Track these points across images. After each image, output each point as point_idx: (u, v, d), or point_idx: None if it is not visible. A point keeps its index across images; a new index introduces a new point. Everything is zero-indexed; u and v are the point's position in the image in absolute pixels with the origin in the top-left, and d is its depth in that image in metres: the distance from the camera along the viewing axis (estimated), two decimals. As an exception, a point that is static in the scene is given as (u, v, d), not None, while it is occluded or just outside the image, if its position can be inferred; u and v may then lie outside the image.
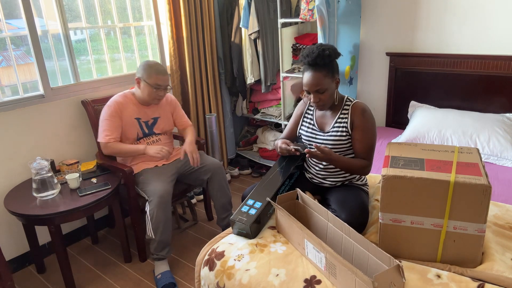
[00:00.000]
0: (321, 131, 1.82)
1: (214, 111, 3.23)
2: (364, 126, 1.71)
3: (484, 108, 2.66)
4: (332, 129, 1.77)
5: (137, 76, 2.17)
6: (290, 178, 1.90)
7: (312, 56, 1.63)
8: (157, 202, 2.02)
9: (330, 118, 1.80)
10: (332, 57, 1.66)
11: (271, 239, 1.58)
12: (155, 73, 2.12)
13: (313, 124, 1.86)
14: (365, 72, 3.19)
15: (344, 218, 1.59)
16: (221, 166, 2.37)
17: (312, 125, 1.86)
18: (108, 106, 2.18)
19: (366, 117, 1.71)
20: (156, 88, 2.14)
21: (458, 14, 2.63)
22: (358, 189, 1.81)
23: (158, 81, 2.13)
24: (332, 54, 1.65)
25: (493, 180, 2.11)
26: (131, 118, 2.21)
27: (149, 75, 2.12)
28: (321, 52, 1.62)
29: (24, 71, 2.32)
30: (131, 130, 2.22)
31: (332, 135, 1.76)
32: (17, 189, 2.15)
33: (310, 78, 1.65)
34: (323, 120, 1.83)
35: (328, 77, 1.66)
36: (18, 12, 2.18)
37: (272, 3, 3.05)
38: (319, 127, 1.84)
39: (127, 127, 2.21)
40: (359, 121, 1.71)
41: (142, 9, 2.85)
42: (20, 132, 2.23)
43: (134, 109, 2.22)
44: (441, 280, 1.30)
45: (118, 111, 2.17)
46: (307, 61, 1.66)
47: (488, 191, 1.26)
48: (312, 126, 1.86)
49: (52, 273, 2.28)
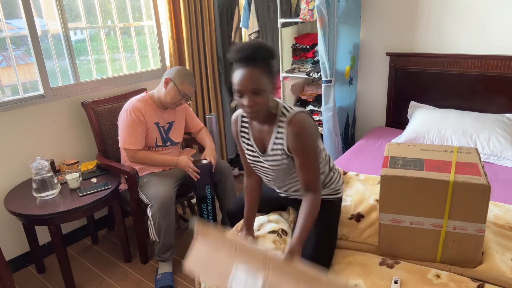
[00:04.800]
0: (262, 153, 1.51)
1: (214, 111, 3.23)
2: (302, 151, 1.40)
3: (484, 108, 2.66)
4: (271, 151, 1.47)
5: (168, 77, 2.14)
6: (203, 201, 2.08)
7: (249, 49, 1.31)
8: (158, 207, 2.01)
9: (268, 135, 1.48)
10: (271, 53, 1.35)
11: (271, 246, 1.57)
12: (188, 82, 2.14)
13: (251, 145, 1.54)
14: (365, 72, 3.19)
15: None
16: (230, 168, 2.38)
17: (251, 145, 1.54)
18: (130, 112, 2.12)
19: (303, 138, 1.39)
20: (182, 95, 2.15)
21: (458, 14, 2.63)
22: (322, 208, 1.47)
23: (187, 91, 2.15)
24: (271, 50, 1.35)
25: (493, 180, 2.10)
26: (151, 123, 2.20)
27: (182, 82, 2.12)
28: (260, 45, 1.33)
29: (24, 71, 2.33)
30: (151, 135, 2.22)
31: (272, 158, 1.48)
32: (17, 189, 2.15)
33: (246, 75, 1.30)
34: (261, 136, 1.51)
35: (266, 77, 1.32)
36: (18, 12, 2.18)
37: (272, 3, 3.05)
38: (259, 148, 1.52)
39: (148, 132, 2.20)
40: (295, 145, 1.40)
41: (142, 9, 2.86)
42: (20, 132, 2.23)
43: (153, 114, 2.21)
44: (441, 280, 1.30)
45: (141, 117, 2.14)
46: (243, 54, 1.30)
47: (487, 191, 1.26)
48: (251, 147, 1.54)
49: (52, 273, 2.28)
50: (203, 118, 3.14)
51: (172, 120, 2.31)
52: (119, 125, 2.18)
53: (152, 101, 2.22)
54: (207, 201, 2.23)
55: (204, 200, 2.23)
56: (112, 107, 2.48)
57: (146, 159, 2.18)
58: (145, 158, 2.18)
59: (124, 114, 2.15)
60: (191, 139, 2.60)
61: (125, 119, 2.13)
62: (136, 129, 2.13)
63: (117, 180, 2.22)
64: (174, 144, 2.35)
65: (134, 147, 2.15)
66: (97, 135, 2.40)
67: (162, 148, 2.29)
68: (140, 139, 2.17)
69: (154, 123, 2.21)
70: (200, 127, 2.50)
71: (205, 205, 2.24)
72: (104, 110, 2.44)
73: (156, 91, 2.23)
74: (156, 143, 2.25)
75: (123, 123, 2.14)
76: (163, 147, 2.29)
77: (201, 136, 2.47)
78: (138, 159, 2.18)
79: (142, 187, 2.15)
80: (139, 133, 2.15)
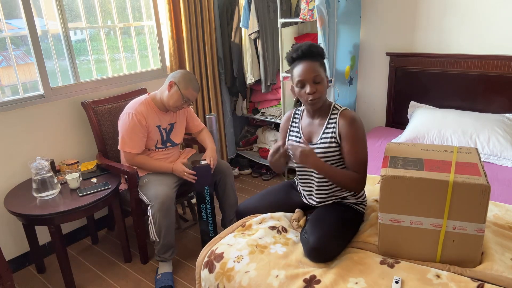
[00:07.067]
0: (308, 143, 1.67)
1: (214, 111, 3.23)
2: (353, 137, 1.56)
3: (484, 108, 2.66)
4: (320, 140, 1.62)
5: (172, 80, 2.13)
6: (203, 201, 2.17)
7: (305, 45, 1.54)
8: (158, 207, 2.02)
9: (318, 127, 1.65)
10: (323, 51, 1.59)
11: (271, 240, 1.58)
12: (192, 87, 2.14)
13: (300, 136, 1.70)
14: (365, 72, 3.19)
15: (311, 244, 1.45)
16: (230, 168, 2.38)
17: (299, 137, 1.70)
18: (132, 116, 2.12)
19: (355, 127, 1.56)
20: (185, 100, 2.15)
21: (458, 14, 2.63)
22: (346, 210, 1.64)
23: (190, 96, 2.15)
24: (323, 49, 1.59)
25: (493, 180, 2.10)
26: (153, 126, 2.20)
27: (186, 86, 2.12)
28: (313, 43, 1.56)
29: (24, 71, 2.33)
30: (152, 138, 2.22)
31: (320, 146, 1.61)
32: (17, 189, 2.15)
33: (307, 66, 1.52)
34: (310, 130, 1.68)
35: (323, 69, 1.57)
36: (18, 12, 2.18)
37: (272, 3, 3.05)
38: (307, 139, 1.69)
39: (150, 135, 2.20)
40: (347, 131, 1.56)
41: (142, 9, 2.86)
42: (20, 132, 2.23)
43: (155, 117, 2.21)
44: (441, 280, 1.30)
45: (143, 122, 2.14)
46: (300, 51, 1.54)
47: (487, 191, 1.26)
48: (299, 138, 1.70)
49: (52, 273, 2.28)
50: (203, 118, 3.14)
51: (173, 122, 2.31)
52: (120, 127, 2.17)
53: (154, 103, 2.21)
54: (206, 202, 2.23)
55: (203, 201, 2.23)
56: (112, 107, 2.48)
57: (144, 164, 2.19)
58: (143, 164, 2.19)
59: (126, 117, 2.14)
60: (192, 139, 2.60)
61: (127, 122, 2.13)
62: (137, 134, 2.13)
63: (117, 180, 2.22)
64: (175, 145, 2.35)
65: (133, 151, 2.15)
66: (97, 135, 2.40)
67: (162, 149, 2.29)
68: (140, 143, 2.17)
69: (156, 126, 2.21)
70: (201, 128, 2.50)
71: (204, 206, 2.24)
72: (104, 110, 2.44)
73: (159, 92, 2.22)
74: (156, 145, 2.25)
75: (124, 126, 2.14)
76: (163, 148, 2.29)
77: (202, 137, 2.47)
78: (135, 163, 2.19)
79: (142, 187, 2.15)
80: (140, 138, 2.15)
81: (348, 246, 1.58)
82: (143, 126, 2.14)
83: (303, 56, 1.54)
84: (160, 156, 2.28)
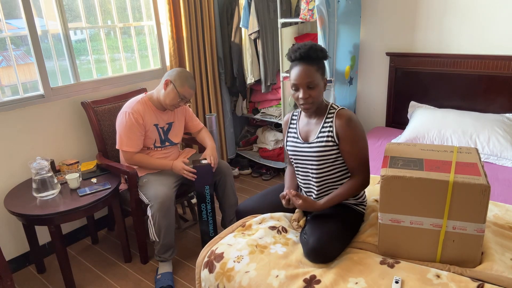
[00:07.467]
0: (305, 142, 1.66)
1: (214, 111, 3.23)
2: (352, 137, 1.55)
3: (484, 108, 2.66)
4: (317, 139, 1.61)
5: (167, 79, 2.13)
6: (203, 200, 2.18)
7: (304, 48, 1.51)
8: (158, 207, 2.02)
9: (315, 127, 1.64)
10: (324, 53, 1.56)
11: (271, 240, 1.58)
12: (188, 85, 2.13)
13: (297, 136, 1.70)
14: (365, 72, 3.19)
15: (310, 244, 1.45)
16: (230, 168, 2.39)
17: (296, 137, 1.70)
18: (129, 114, 2.11)
19: (353, 126, 1.55)
20: (181, 98, 2.14)
21: (458, 14, 2.63)
22: (346, 210, 1.64)
23: (186, 94, 2.14)
24: (324, 51, 1.56)
25: (493, 180, 2.10)
26: (151, 125, 2.20)
27: (181, 84, 2.11)
28: (314, 46, 1.53)
29: (24, 71, 2.33)
30: (150, 137, 2.22)
31: (317, 145, 1.60)
32: (17, 189, 2.15)
33: (302, 71, 1.51)
34: (307, 129, 1.68)
35: (319, 73, 1.54)
36: (18, 12, 2.18)
37: (272, 3, 3.05)
38: (303, 138, 1.68)
39: (147, 134, 2.20)
40: (345, 132, 1.55)
41: (142, 9, 2.86)
42: (20, 132, 2.23)
43: (152, 116, 2.20)
44: (441, 280, 1.30)
45: (140, 120, 2.14)
46: (298, 53, 1.52)
47: (487, 191, 1.26)
48: (296, 138, 1.70)
49: (52, 273, 2.28)
50: (203, 118, 3.14)
51: (171, 121, 2.30)
52: (117, 127, 2.17)
53: (151, 102, 2.21)
54: (206, 201, 2.23)
55: (203, 200, 2.23)
56: (112, 107, 2.48)
57: (143, 162, 2.19)
58: (142, 162, 2.19)
59: (123, 116, 2.14)
60: (191, 139, 2.60)
61: (124, 121, 2.13)
62: (135, 132, 2.13)
63: (117, 180, 2.22)
64: (173, 144, 2.35)
65: (132, 150, 2.15)
66: (97, 135, 2.40)
67: (161, 148, 2.29)
68: (138, 142, 2.17)
69: (153, 125, 2.21)
70: (200, 127, 2.50)
71: (204, 205, 2.24)
72: (104, 110, 2.44)
73: (156, 91, 2.22)
74: (155, 144, 2.25)
75: (122, 125, 2.14)
76: (161, 148, 2.29)
77: (202, 136, 2.47)
78: (134, 162, 2.19)
79: (142, 187, 2.15)
80: (137, 136, 2.15)
81: (348, 246, 1.57)
82: (140, 124, 2.14)
83: (300, 59, 1.53)
84: (159, 156, 2.28)
